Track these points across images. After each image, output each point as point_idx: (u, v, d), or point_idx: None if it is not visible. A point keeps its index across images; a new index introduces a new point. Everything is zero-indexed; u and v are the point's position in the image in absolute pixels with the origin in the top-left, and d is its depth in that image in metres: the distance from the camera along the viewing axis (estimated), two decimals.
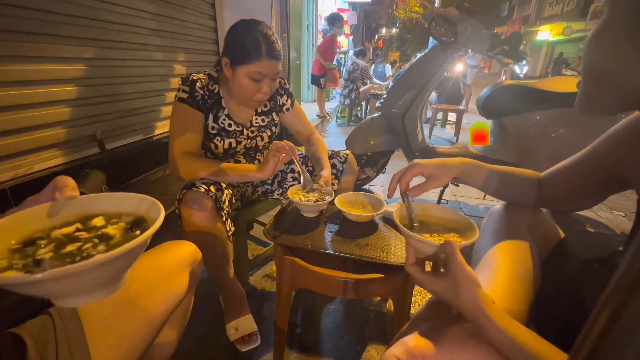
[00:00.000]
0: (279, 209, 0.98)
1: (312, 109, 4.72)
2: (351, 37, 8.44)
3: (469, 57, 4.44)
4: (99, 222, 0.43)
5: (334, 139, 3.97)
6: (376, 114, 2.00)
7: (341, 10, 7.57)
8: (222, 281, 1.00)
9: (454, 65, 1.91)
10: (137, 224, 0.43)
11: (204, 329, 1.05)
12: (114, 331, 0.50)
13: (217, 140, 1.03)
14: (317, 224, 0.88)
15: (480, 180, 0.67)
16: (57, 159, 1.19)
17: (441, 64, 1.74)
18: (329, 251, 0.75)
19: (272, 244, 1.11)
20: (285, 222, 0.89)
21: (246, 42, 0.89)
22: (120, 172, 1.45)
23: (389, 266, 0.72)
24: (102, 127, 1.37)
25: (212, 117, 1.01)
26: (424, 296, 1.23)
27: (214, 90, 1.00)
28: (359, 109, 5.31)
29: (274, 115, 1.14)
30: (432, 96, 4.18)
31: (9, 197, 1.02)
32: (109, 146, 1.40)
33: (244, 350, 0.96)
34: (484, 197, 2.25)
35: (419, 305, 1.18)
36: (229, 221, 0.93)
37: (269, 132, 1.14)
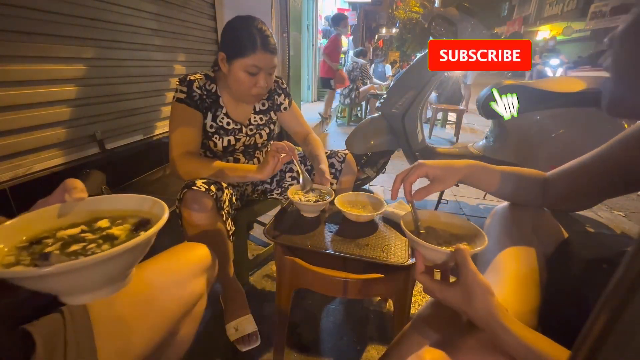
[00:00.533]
0: (279, 208, 0.99)
1: (312, 109, 4.72)
2: (351, 37, 8.44)
3: None
4: (104, 223, 0.44)
5: (334, 139, 3.97)
6: (376, 114, 2.00)
7: (341, 10, 7.59)
8: (222, 281, 1.00)
9: None
10: (142, 226, 0.43)
11: (204, 329, 1.05)
12: (123, 336, 0.49)
13: (215, 138, 1.03)
14: (317, 224, 0.88)
15: (487, 182, 0.65)
16: (57, 159, 1.19)
17: None
18: (329, 251, 0.75)
19: (272, 244, 1.11)
20: (285, 222, 0.89)
21: (242, 36, 0.91)
22: (120, 172, 1.45)
23: (389, 266, 0.72)
24: (102, 127, 1.37)
25: (210, 116, 1.01)
26: (424, 296, 1.23)
27: (212, 89, 1.01)
28: (359, 109, 5.30)
29: (272, 114, 1.15)
30: (432, 96, 4.17)
31: (9, 197, 1.02)
32: (109, 146, 1.40)
33: (244, 350, 0.96)
34: (484, 197, 2.25)
35: (419, 305, 1.18)
36: (229, 221, 0.93)
37: (267, 129, 1.15)
